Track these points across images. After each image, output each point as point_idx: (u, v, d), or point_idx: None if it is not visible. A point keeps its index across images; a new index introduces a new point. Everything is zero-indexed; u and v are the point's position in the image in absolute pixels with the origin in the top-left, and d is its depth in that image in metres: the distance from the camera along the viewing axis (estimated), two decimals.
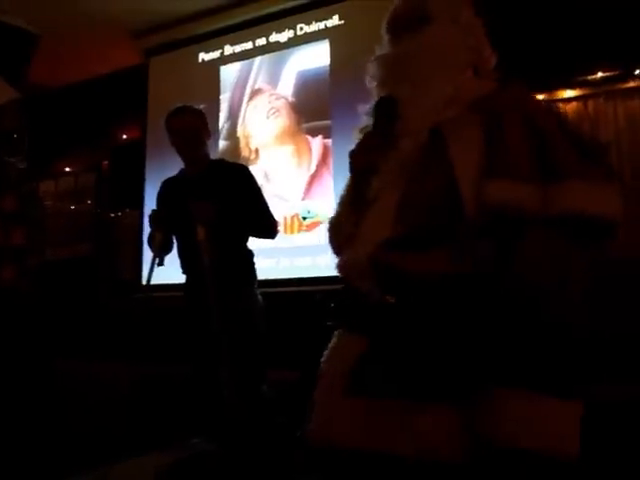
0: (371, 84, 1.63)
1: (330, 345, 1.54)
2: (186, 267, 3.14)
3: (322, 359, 1.53)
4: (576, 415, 1.31)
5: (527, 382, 1.27)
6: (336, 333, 1.55)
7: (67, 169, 7.60)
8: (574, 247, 1.32)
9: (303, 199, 5.42)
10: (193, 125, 3.07)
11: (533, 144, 1.38)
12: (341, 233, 1.63)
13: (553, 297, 1.30)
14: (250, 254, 3.17)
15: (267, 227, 3.10)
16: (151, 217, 3.05)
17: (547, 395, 1.27)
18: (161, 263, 2.99)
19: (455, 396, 1.32)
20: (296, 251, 5.26)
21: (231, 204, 2.94)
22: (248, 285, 3.09)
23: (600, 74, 4.73)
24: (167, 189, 3.26)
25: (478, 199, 1.32)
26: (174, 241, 3.17)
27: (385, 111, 1.54)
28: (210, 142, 3.26)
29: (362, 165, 1.59)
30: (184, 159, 3.15)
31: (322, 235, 5.26)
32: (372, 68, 1.63)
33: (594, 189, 1.32)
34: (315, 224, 5.25)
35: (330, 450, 1.40)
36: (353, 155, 1.64)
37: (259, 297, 3.09)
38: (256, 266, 3.19)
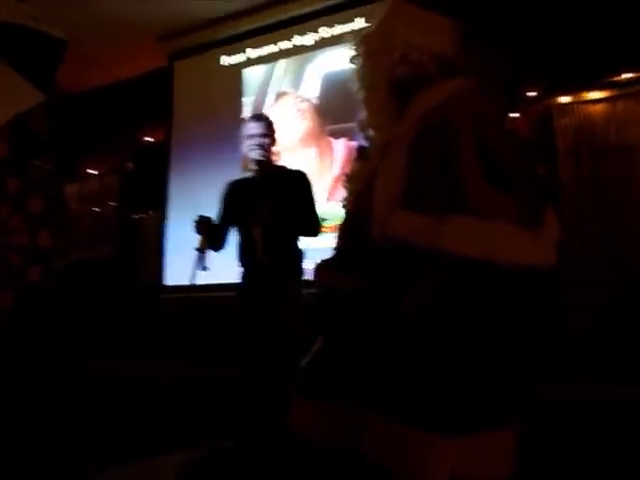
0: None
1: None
2: (243, 261, 3.30)
3: None
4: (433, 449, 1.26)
5: (388, 409, 1.29)
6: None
7: (91, 171, 7.67)
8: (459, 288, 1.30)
9: (328, 201, 5.41)
10: (263, 130, 3.37)
11: (442, 164, 1.31)
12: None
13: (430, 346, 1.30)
14: (300, 252, 3.35)
15: (312, 228, 3.30)
16: (195, 222, 3.18)
17: (408, 426, 1.26)
18: (205, 268, 3.06)
19: (353, 401, 1.38)
20: (319, 253, 5.23)
21: (287, 206, 3.16)
22: (295, 281, 3.26)
23: (628, 75, 4.68)
24: (232, 190, 3.44)
25: (383, 227, 1.32)
26: (227, 241, 3.35)
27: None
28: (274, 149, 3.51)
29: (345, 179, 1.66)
30: (252, 162, 3.37)
31: None
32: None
33: (479, 228, 1.24)
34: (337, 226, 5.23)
35: (302, 443, 1.50)
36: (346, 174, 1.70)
37: (304, 294, 3.24)
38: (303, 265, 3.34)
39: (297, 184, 3.37)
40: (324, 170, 5.57)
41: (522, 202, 1.28)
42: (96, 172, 7.63)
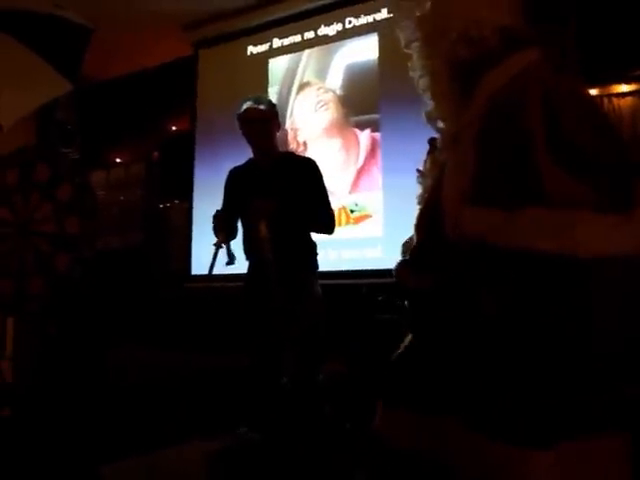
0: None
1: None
2: (249, 257, 3.19)
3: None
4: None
5: (470, 418, 1.23)
6: None
7: (118, 160, 7.73)
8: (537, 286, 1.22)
9: (351, 192, 5.42)
10: (264, 115, 3.10)
11: (513, 155, 1.23)
12: None
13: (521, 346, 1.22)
14: (313, 245, 3.20)
15: (326, 224, 3.14)
16: (214, 218, 3.06)
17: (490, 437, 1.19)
18: (231, 262, 3.02)
19: (457, 411, 1.28)
20: (343, 244, 5.26)
21: (295, 198, 2.98)
22: (310, 275, 3.14)
23: None
24: (235, 178, 3.30)
25: (455, 226, 1.27)
26: (237, 230, 3.22)
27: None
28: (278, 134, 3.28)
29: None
30: (253, 149, 3.19)
31: (369, 228, 5.26)
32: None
33: (553, 219, 1.18)
34: (362, 217, 5.26)
35: (387, 450, 1.41)
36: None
37: (318, 288, 3.12)
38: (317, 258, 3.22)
39: (306, 174, 3.14)
40: (350, 161, 5.57)
41: (603, 185, 1.17)
42: (122, 160, 7.69)
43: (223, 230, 3.01)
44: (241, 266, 3.20)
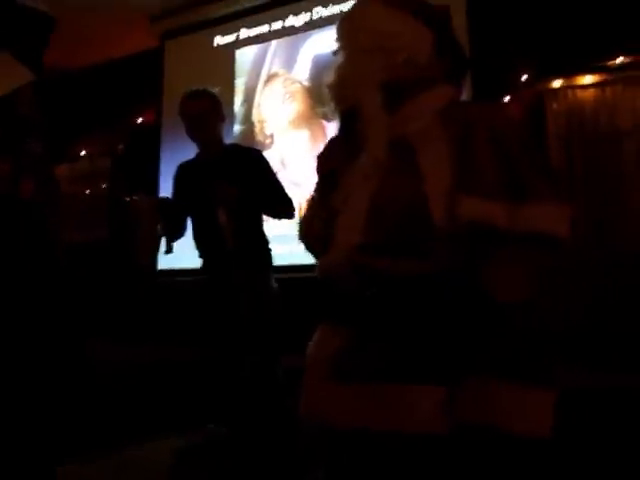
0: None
1: (315, 337, 1.62)
2: (205, 251, 3.15)
3: (308, 350, 1.61)
4: (553, 402, 1.41)
5: (509, 372, 1.39)
6: (320, 327, 1.63)
7: (83, 152, 7.62)
8: (535, 261, 1.46)
9: None
10: (202, 108, 3.05)
11: (500, 161, 1.43)
12: (312, 234, 1.72)
13: (519, 310, 1.43)
14: (266, 240, 3.19)
15: (286, 208, 3.12)
16: (155, 206, 3.08)
17: (530, 384, 1.39)
18: (169, 251, 3.00)
19: (439, 379, 1.41)
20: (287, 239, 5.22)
21: (249, 187, 2.94)
22: (265, 270, 3.12)
23: (619, 60, 4.67)
24: (183, 173, 3.25)
25: (449, 213, 1.39)
26: (186, 226, 3.18)
27: (347, 123, 1.64)
28: (223, 126, 3.24)
29: (327, 169, 1.70)
30: (196, 143, 3.16)
31: None
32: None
33: (553, 211, 1.43)
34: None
35: (328, 431, 1.51)
36: (319, 158, 1.77)
37: (274, 282, 3.11)
38: (271, 252, 3.21)
39: (253, 162, 3.12)
40: (317, 152, 5.55)
41: (564, 190, 1.54)
42: (87, 153, 7.59)
43: (165, 219, 3.02)
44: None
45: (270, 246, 3.21)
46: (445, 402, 1.38)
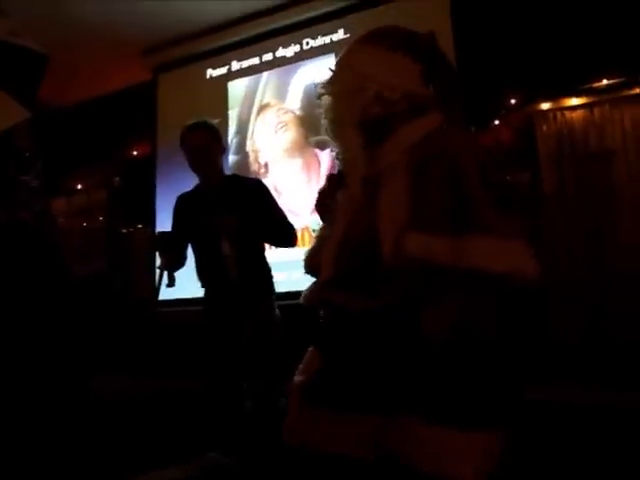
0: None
1: (302, 360, 1.70)
2: (208, 280, 3.15)
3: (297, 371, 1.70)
4: (484, 445, 1.37)
5: (434, 413, 1.37)
6: (308, 351, 1.71)
7: (79, 186, 7.66)
8: (474, 298, 1.39)
9: (313, 212, 5.42)
10: (204, 140, 3.06)
11: (454, 196, 1.41)
12: (312, 264, 1.78)
13: (459, 350, 1.39)
14: (268, 268, 3.20)
15: (288, 236, 3.14)
16: (156, 240, 3.07)
17: (453, 428, 1.35)
18: (171, 284, 2.99)
19: (379, 412, 1.44)
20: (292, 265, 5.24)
21: (249, 217, 2.95)
22: (268, 298, 3.13)
23: (605, 81, 4.75)
24: (184, 204, 3.25)
25: (396, 249, 1.39)
26: (187, 256, 3.18)
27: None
28: (223, 157, 3.27)
29: (324, 205, 1.80)
30: (198, 175, 3.16)
31: None
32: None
33: (492, 246, 1.36)
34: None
35: (306, 453, 1.55)
36: (319, 194, 1.84)
37: (277, 310, 3.12)
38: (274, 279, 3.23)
39: (254, 192, 3.14)
40: (311, 181, 5.60)
41: (523, 221, 1.43)
42: (83, 187, 7.63)
43: (166, 253, 2.99)
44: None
45: (278, 274, 3.23)
46: (374, 433, 1.43)
